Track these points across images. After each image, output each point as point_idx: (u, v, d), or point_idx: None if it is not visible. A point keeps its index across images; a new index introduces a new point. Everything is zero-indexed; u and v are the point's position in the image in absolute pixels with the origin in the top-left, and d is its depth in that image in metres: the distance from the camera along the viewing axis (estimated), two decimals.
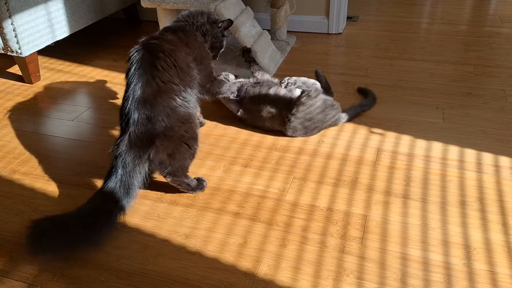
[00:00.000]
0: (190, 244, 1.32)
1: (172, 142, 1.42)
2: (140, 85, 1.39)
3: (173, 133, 1.42)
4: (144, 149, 1.38)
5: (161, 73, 1.42)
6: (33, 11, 2.21)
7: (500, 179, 1.54)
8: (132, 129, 1.37)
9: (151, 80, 1.41)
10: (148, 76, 1.40)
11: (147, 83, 1.40)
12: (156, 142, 1.38)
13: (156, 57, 1.44)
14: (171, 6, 2.26)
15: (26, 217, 1.45)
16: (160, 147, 1.39)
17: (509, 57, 2.45)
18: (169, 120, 1.40)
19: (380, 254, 1.27)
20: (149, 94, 1.39)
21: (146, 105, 1.38)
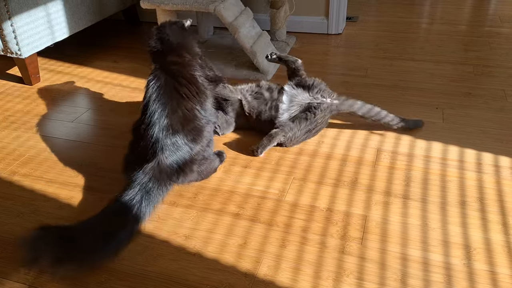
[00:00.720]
0: (190, 245, 1.32)
1: (200, 164, 1.50)
2: (166, 113, 1.42)
3: (200, 156, 1.50)
4: (173, 176, 1.43)
5: (185, 101, 1.47)
6: (33, 12, 2.21)
7: (500, 179, 1.54)
8: (161, 157, 1.40)
9: (176, 108, 1.45)
10: (173, 103, 1.45)
11: (172, 111, 1.44)
12: (186, 170, 1.45)
13: (179, 84, 1.48)
14: (170, 7, 2.26)
15: (26, 218, 1.45)
16: (189, 173, 1.46)
17: (508, 57, 2.45)
18: (195, 145, 1.46)
19: (380, 255, 1.27)
20: (175, 121, 1.43)
21: (174, 133, 1.42)
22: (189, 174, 1.47)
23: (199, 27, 2.85)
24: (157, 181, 1.39)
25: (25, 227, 1.42)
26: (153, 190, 1.38)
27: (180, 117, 1.45)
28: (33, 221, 1.44)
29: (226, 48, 2.66)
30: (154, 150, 1.40)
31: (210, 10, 2.22)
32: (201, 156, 1.51)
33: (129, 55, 2.68)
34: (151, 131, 1.41)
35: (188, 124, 1.46)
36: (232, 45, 2.69)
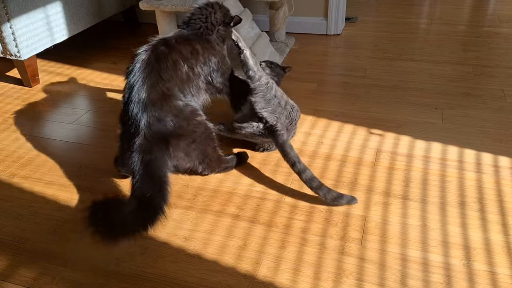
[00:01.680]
0: (189, 246, 1.32)
1: (184, 141, 1.45)
2: (145, 88, 1.39)
3: (184, 132, 1.44)
4: (162, 147, 1.39)
5: (164, 81, 1.43)
6: (32, 14, 2.21)
7: (500, 179, 1.54)
8: (145, 130, 1.37)
9: (155, 85, 1.41)
10: (152, 81, 1.41)
11: (151, 87, 1.40)
12: (171, 141, 1.40)
13: (160, 66, 1.44)
14: (170, 8, 2.26)
15: (25, 220, 1.45)
16: (175, 146, 1.41)
17: (507, 57, 2.45)
18: (177, 119, 1.42)
19: (379, 255, 1.27)
20: (154, 97, 1.40)
21: (154, 107, 1.39)
22: (176, 148, 1.42)
23: None
24: (150, 153, 1.36)
25: (24, 229, 1.41)
26: (154, 161, 1.36)
27: (160, 93, 1.41)
28: (32, 223, 1.44)
29: None
30: (137, 124, 1.38)
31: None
32: (190, 137, 1.46)
33: (128, 56, 2.68)
34: (131, 105, 1.39)
35: (167, 100, 1.42)
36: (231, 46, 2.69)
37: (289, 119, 1.62)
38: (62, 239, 1.37)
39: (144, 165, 1.34)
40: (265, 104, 1.57)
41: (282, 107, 1.60)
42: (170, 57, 1.46)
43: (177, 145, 1.43)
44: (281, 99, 1.61)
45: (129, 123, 1.41)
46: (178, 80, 1.47)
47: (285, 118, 1.60)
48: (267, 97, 1.58)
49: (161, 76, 1.43)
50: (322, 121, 1.93)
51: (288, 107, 1.63)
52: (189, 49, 1.53)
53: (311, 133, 1.85)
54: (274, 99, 1.59)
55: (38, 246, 1.35)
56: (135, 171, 1.35)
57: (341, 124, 1.90)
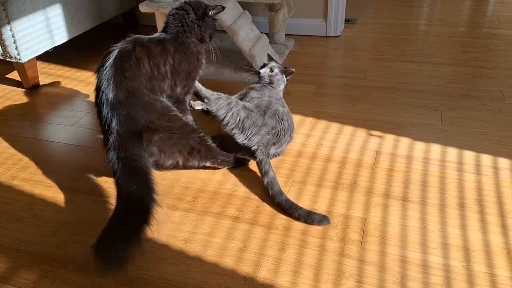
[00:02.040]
0: (189, 249, 1.32)
1: (158, 135, 1.44)
2: (111, 88, 1.40)
3: (156, 127, 1.43)
4: (135, 142, 1.39)
5: (127, 80, 1.43)
6: (32, 17, 2.21)
7: (499, 181, 1.54)
8: (117, 128, 1.38)
9: (120, 84, 1.41)
10: (117, 80, 1.41)
11: (117, 86, 1.40)
12: (144, 136, 1.40)
13: (123, 65, 1.43)
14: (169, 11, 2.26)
15: (25, 223, 1.45)
16: (148, 141, 1.41)
17: (506, 58, 2.46)
18: (148, 114, 1.42)
19: (379, 257, 1.27)
20: (121, 96, 1.40)
21: (122, 105, 1.39)
22: (149, 143, 1.41)
23: None
24: (125, 149, 1.36)
25: (24, 232, 1.42)
26: (130, 156, 1.36)
27: (125, 91, 1.41)
28: (32, 226, 1.44)
29: (225, 51, 2.67)
30: (109, 124, 1.38)
31: None
32: (165, 131, 1.45)
33: None
34: (102, 107, 1.40)
35: (134, 97, 1.42)
36: (230, 48, 2.70)
37: (274, 131, 1.63)
38: (62, 242, 1.37)
39: (121, 162, 1.35)
40: (243, 135, 1.60)
41: (258, 126, 1.61)
42: (134, 55, 1.46)
43: (149, 140, 1.41)
44: (257, 116, 1.62)
45: (102, 124, 1.42)
46: (143, 78, 1.46)
47: (267, 133, 1.61)
48: (239, 125, 1.60)
49: (124, 75, 1.42)
50: (321, 123, 1.93)
51: (269, 119, 1.63)
52: (160, 48, 1.53)
53: (311, 135, 1.85)
54: (247, 120, 1.60)
55: (38, 249, 1.35)
56: (114, 168, 1.36)
57: (341, 126, 1.90)
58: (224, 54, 2.62)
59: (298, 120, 1.96)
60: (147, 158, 1.40)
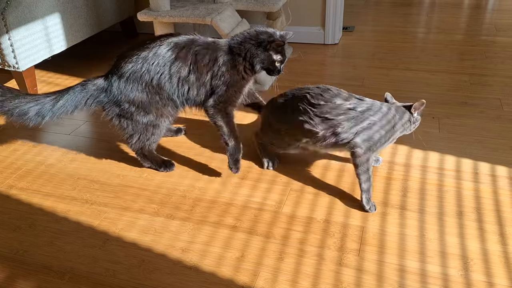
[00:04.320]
0: (186, 258, 1.32)
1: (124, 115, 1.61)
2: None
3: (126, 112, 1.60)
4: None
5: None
6: (31, 26, 2.22)
7: (497, 189, 1.54)
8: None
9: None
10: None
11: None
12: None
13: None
14: (168, 19, 2.27)
15: (22, 232, 1.45)
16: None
17: (504, 66, 2.47)
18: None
19: (377, 266, 1.27)
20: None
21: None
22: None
23: None
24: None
25: (21, 241, 1.41)
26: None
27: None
28: (29, 235, 1.43)
29: None
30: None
31: (207, 22, 2.24)
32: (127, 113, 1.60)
33: None
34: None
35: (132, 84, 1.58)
36: None
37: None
38: (59, 251, 1.37)
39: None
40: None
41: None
42: (179, 53, 1.55)
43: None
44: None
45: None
46: (175, 77, 1.56)
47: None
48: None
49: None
50: None
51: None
52: (211, 57, 1.56)
53: None
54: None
55: (35, 259, 1.35)
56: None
57: None
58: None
59: None
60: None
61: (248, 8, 2.43)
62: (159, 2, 2.31)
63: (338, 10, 2.81)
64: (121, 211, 1.52)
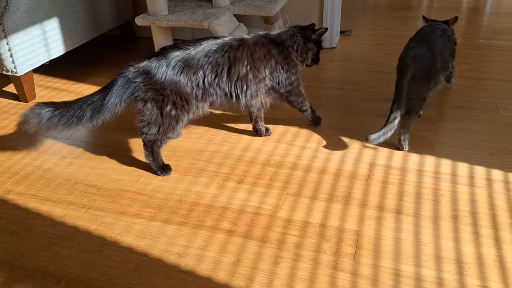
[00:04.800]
0: (182, 263, 1.32)
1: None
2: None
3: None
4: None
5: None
6: (29, 31, 2.23)
7: (492, 193, 1.54)
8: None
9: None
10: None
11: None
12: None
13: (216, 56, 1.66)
14: (165, 24, 2.28)
15: (19, 237, 1.45)
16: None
17: (501, 69, 2.47)
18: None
19: (372, 271, 1.27)
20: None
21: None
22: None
23: None
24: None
25: (18, 246, 1.42)
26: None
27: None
28: (26, 240, 1.44)
29: None
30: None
31: (205, 27, 2.25)
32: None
33: None
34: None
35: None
36: None
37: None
38: (55, 256, 1.37)
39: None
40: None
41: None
42: (234, 53, 1.66)
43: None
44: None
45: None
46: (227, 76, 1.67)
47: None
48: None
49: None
50: (316, 135, 1.94)
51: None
52: (264, 51, 1.72)
53: (306, 147, 1.86)
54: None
55: (32, 263, 1.35)
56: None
57: (336, 138, 1.91)
58: None
59: (293, 132, 1.97)
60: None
61: (245, 12, 2.44)
62: (157, 6, 2.32)
63: (336, 13, 2.82)
64: (118, 215, 1.52)
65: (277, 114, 2.11)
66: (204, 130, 2.01)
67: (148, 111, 1.62)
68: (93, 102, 1.59)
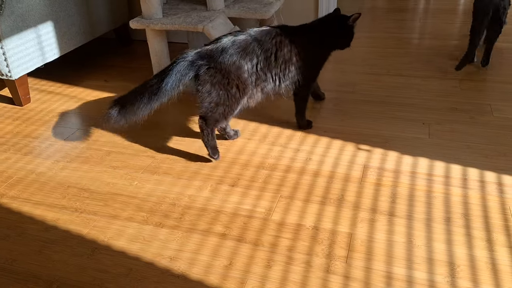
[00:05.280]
0: (174, 267, 1.32)
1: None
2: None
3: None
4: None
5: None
6: (23, 34, 2.23)
7: (485, 195, 1.55)
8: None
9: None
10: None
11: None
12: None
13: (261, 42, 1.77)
14: (160, 27, 2.28)
15: (11, 241, 1.45)
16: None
17: (494, 71, 2.48)
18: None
19: (364, 273, 1.27)
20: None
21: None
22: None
23: (190, 44, 2.87)
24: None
25: (11, 250, 1.41)
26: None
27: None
28: (19, 244, 1.44)
29: None
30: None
31: (199, 30, 2.25)
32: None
33: (120, 74, 2.70)
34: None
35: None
36: None
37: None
38: (48, 260, 1.37)
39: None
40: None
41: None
42: (273, 41, 1.78)
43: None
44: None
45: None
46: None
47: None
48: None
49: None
50: (311, 137, 1.94)
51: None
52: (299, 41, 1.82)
53: (300, 150, 1.86)
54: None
55: (24, 268, 1.35)
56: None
57: (330, 140, 1.91)
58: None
59: (287, 134, 1.97)
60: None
61: (240, 15, 2.44)
62: (151, 10, 2.32)
63: None
64: (110, 219, 1.52)
65: (273, 116, 2.11)
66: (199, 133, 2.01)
67: (216, 92, 1.70)
68: (152, 85, 1.65)
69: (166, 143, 1.95)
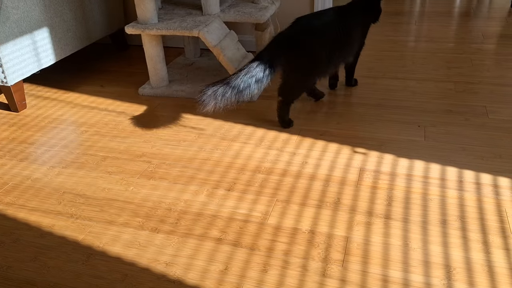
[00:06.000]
0: (170, 272, 1.32)
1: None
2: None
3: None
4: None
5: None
6: (19, 41, 2.23)
7: (481, 197, 1.55)
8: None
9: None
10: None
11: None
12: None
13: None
14: (155, 32, 2.29)
15: (6, 248, 1.44)
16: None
17: (490, 73, 2.49)
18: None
19: (361, 277, 1.27)
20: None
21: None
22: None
23: (186, 49, 2.88)
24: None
25: (5, 257, 1.41)
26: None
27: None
28: (14, 251, 1.43)
29: (214, 69, 2.69)
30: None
31: (194, 34, 2.25)
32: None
33: (116, 79, 2.70)
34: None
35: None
36: (219, 66, 2.72)
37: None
38: (42, 267, 1.36)
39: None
40: None
41: None
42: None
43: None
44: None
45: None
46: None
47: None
48: None
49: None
50: (307, 141, 1.94)
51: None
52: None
53: (296, 153, 1.86)
54: None
55: (19, 274, 1.34)
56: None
57: (326, 143, 1.91)
58: (212, 73, 2.64)
59: (283, 138, 1.97)
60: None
61: (236, 19, 2.45)
62: (146, 15, 2.33)
63: None
64: (106, 225, 1.52)
65: (269, 120, 2.11)
66: (195, 138, 2.01)
67: (295, 76, 1.96)
68: (255, 70, 1.81)
69: (162, 148, 1.95)
